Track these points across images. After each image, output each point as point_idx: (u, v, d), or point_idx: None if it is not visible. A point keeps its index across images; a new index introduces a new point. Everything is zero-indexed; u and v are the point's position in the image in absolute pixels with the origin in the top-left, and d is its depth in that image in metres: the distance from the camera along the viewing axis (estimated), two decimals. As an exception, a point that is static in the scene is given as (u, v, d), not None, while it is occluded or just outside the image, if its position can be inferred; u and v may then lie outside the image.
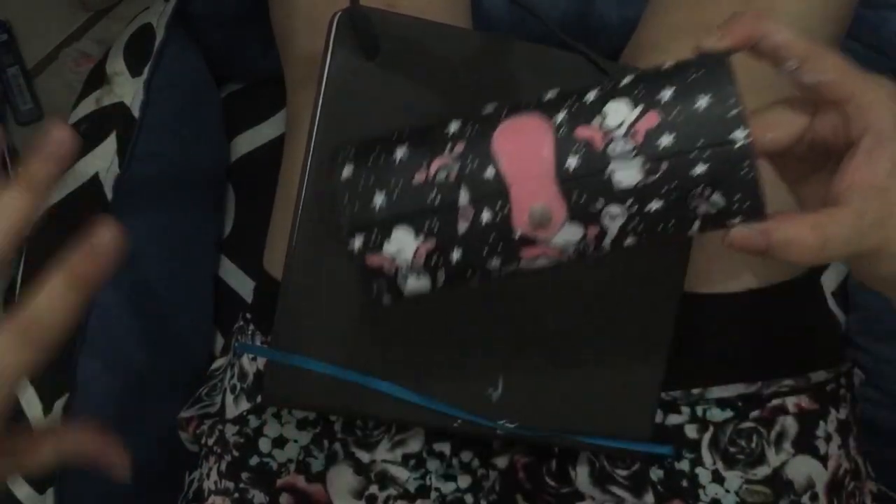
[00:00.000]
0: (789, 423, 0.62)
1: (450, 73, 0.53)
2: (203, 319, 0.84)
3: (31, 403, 0.67)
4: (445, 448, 0.63)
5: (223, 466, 0.64)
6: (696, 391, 0.63)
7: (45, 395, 0.67)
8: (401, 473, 0.62)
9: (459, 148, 0.40)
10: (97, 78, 0.76)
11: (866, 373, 0.78)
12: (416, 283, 0.40)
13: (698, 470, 0.62)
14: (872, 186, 0.39)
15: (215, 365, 0.72)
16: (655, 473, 0.62)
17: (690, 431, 0.63)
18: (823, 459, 0.63)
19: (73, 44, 0.99)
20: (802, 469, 0.62)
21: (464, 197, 0.39)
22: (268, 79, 0.88)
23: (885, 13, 0.78)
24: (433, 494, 0.62)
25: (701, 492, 0.62)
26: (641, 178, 0.38)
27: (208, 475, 0.66)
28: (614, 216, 0.39)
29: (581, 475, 0.62)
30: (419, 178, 0.39)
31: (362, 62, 0.51)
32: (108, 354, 0.69)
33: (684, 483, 0.62)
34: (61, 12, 1.02)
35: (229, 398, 0.66)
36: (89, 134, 0.73)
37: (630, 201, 0.39)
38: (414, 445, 0.62)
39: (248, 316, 0.68)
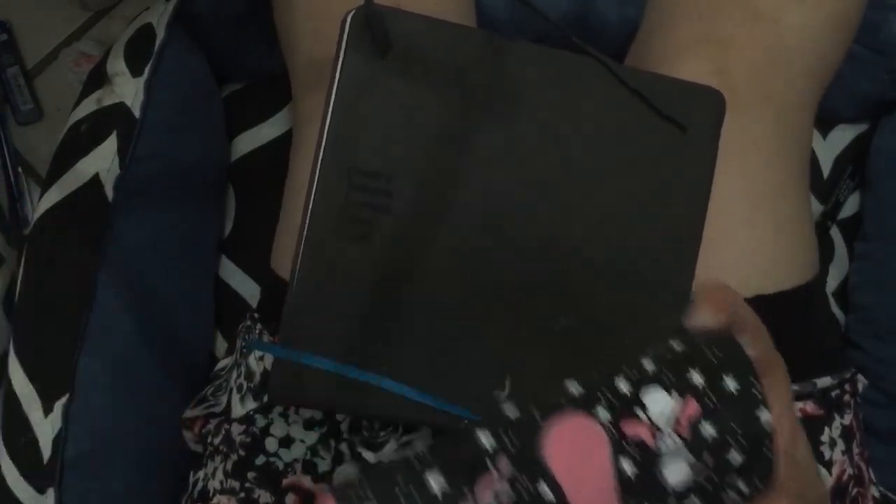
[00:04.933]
0: None
1: (459, 71, 0.53)
2: (203, 319, 0.84)
3: (32, 403, 0.67)
4: (452, 449, 0.63)
5: (229, 466, 0.64)
6: None
7: (45, 395, 0.66)
8: None
9: (505, 465, 0.34)
10: (98, 78, 0.76)
11: (865, 373, 0.78)
12: None
13: None
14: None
15: (220, 365, 0.72)
16: None
17: None
18: (828, 465, 0.63)
19: (73, 44, 0.99)
20: None
21: None
22: (268, 79, 0.88)
23: (886, 14, 0.78)
24: (439, 495, 0.62)
25: None
26: (689, 474, 0.35)
27: (214, 475, 0.66)
28: None
29: None
30: None
31: (374, 61, 0.51)
32: (108, 354, 0.69)
33: None
34: (61, 12, 1.02)
35: (235, 397, 0.66)
36: (90, 134, 0.73)
37: (674, 502, 0.36)
38: (420, 446, 0.62)
39: (256, 315, 0.68)
